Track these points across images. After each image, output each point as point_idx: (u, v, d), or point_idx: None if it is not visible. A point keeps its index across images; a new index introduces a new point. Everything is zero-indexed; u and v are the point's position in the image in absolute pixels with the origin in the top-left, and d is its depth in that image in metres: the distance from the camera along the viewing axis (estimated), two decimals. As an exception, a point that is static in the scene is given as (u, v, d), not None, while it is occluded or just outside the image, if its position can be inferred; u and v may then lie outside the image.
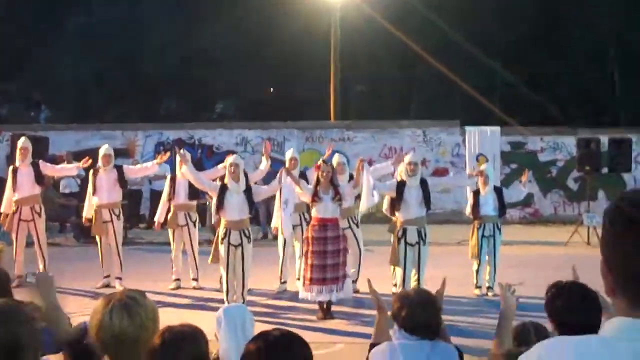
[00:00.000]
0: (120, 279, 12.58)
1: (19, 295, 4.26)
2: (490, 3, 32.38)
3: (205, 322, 3.90)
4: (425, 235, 10.96)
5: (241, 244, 10.67)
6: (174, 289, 12.54)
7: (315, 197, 10.35)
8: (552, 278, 4.17)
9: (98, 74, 34.82)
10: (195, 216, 12.98)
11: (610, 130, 22.45)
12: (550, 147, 23.39)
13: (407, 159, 11.26)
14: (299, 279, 11.52)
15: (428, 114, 27.38)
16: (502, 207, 12.41)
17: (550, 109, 31.30)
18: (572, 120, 28.38)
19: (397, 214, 11.01)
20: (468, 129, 20.54)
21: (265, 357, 2.72)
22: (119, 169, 12.99)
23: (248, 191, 10.73)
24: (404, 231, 10.84)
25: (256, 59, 33.57)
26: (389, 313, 4.41)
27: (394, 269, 11.25)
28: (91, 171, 12.99)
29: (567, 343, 1.84)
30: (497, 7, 32.56)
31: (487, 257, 12.21)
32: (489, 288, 12.18)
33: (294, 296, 11.26)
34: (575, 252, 16.46)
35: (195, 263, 12.77)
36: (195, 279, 12.83)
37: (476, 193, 12.33)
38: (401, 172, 11.13)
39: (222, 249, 10.67)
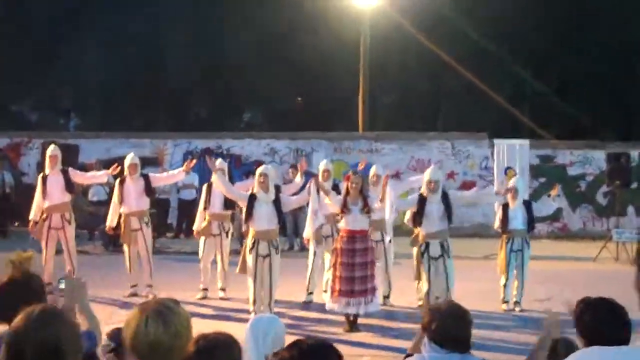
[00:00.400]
0: (150, 286, 12.63)
1: (51, 301, 4.29)
2: (521, 11, 32.26)
3: (232, 332, 3.92)
4: (448, 247, 10.93)
5: (269, 255, 10.67)
6: (200, 299, 12.54)
7: (344, 208, 10.31)
8: (580, 294, 4.15)
9: (126, 81, 35.04)
10: (228, 226, 12.99)
11: (640, 145, 22.31)
12: (579, 161, 23.22)
13: (427, 176, 11.17)
14: (325, 291, 11.51)
15: (456, 126, 27.33)
16: (531, 221, 12.33)
17: (581, 120, 31.15)
18: (603, 132, 28.21)
19: (419, 228, 11.01)
20: (497, 142, 20.42)
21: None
22: (146, 177, 13.04)
23: (277, 201, 10.72)
24: (427, 245, 10.85)
25: (284, 68, 33.65)
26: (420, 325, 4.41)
27: (418, 283, 11.29)
28: (118, 180, 13.04)
29: (599, 352, 1.86)
30: (527, 15, 32.45)
31: (515, 271, 12.11)
32: (516, 303, 12.11)
33: (321, 308, 11.24)
34: (604, 268, 16.37)
35: (225, 273, 12.80)
36: (223, 289, 12.84)
37: (505, 206, 12.24)
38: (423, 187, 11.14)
39: (250, 259, 10.72)
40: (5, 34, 34.03)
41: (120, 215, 12.89)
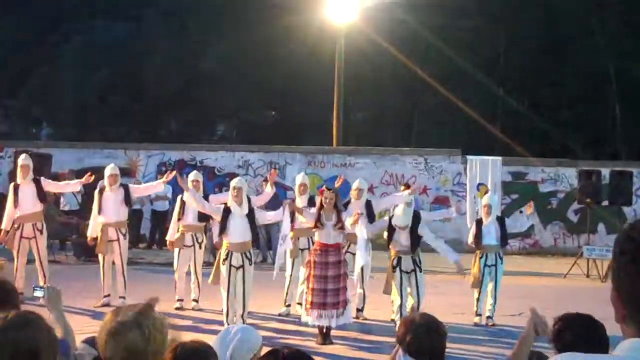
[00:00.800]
0: (124, 297, 12.53)
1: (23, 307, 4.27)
2: (495, 31, 32.60)
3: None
4: (420, 262, 11.03)
5: (242, 266, 10.72)
6: (176, 309, 12.49)
7: (318, 223, 10.44)
8: (551, 310, 4.18)
9: (100, 92, 34.93)
10: (202, 237, 13.01)
11: (611, 163, 22.54)
12: (551, 178, 23.40)
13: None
14: (300, 303, 11.51)
15: (430, 142, 27.46)
16: (504, 237, 12.52)
17: (552, 138, 31.45)
18: (574, 151, 28.49)
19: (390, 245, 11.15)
20: (470, 157, 20.57)
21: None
22: (126, 187, 13.12)
23: (251, 214, 10.81)
24: (399, 259, 10.96)
25: (259, 82, 33.66)
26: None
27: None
28: (97, 190, 13.08)
29: (583, 357, 1.87)
30: (501, 35, 32.79)
31: (489, 286, 12.21)
32: (488, 317, 12.19)
33: (297, 320, 11.24)
34: (575, 285, 16.50)
35: (198, 284, 12.80)
36: (196, 300, 12.83)
37: (479, 222, 12.41)
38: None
39: (223, 270, 10.72)
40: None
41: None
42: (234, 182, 11.06)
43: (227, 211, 10.78)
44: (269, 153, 23.84)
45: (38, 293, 4.68)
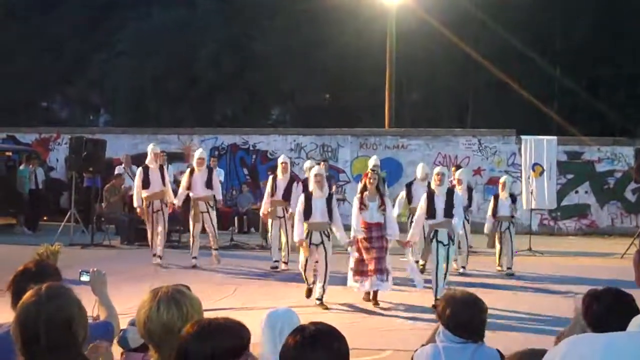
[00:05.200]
0: (217, 249, 14.99)
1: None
2: (550, 9, 32.08)
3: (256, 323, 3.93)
4: (453, 236, 11.76)
5: (322, 242, 11.52)
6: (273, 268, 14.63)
7: (362, 205, 11.37)
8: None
9: (155, 77, 35.30)
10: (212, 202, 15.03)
11: (669, 141, 22.08)
12: (607, 158, 23.01)
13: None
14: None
15: (484, 123, 27.20)
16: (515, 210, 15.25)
17: (610, 117, 30.91)
18: (632, 129, 27.94)
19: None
20: (524, 137, 20.26)
21: (303, 350, 2.78)
22: (210, 170, 15.22)
23: (329, 199, 11.68)
24: (436, 232, 11.68)
25: (312, 65, 33.69)
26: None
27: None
28: (188, 170, 15.19)
29: (594, 338, 1.86)
30: (557, 13, 32.26)
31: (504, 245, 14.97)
32: (508, 269, 14.64)
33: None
34: (632, 265, 16.20)
35: (288, 247, 14.70)
36: (286, 262, 14.70)
37: (496, 197, 15.26)
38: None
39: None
40: (37, 36, 34.42)
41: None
42: (314, 170, 12.07)
43: (309, 197, 11.62)
44: (321, 136, 23.86)
45: (85, 277, 4.77)
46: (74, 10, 36.64)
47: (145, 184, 14.76)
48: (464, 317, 4.25)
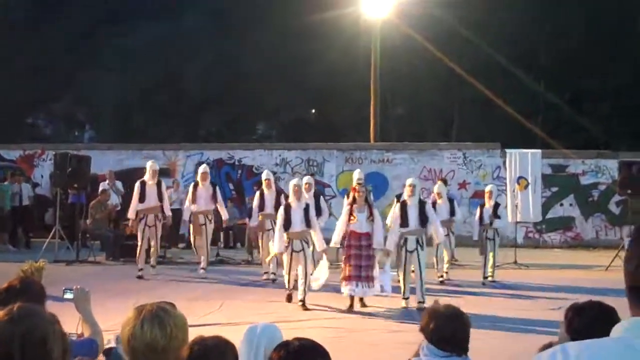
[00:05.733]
0: (204, 269, 15.48)
1: (51, 308, 4.35)
2: (534, 24, 32.29)
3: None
4: (423, 242, 12.57)
5: (302, 249, 12.35)
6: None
7: (351, 216, 12.15)
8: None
9: (142, 93, 35.26)
10: (211, 217, 15.79)
11: (653, 154, 22.20)
12: (592, 171, 23.16)
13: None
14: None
15: (469, 137, 27.31)
16: (499, 218, 15.65)
17: (594, 130, 31.09)
18: (615, 143, 28.13)
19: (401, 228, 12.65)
20: (509, 151, 20.36)
21: (287, 366, 2.79)
22: (214, 186, 16.08)
23: (307, 208, 12.55)
24: (405, 240, 12.52)
25: (297, 81, 33.76)
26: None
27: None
28: (192, 184, 16.10)
29: (580, 345, 1.89)
30: (540, 28, 32.47)
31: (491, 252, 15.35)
32: (490, 277, 15.19)
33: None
34: (616, 277, 16.20)
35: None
36: (274, 273, 14.99)
37: (482, 206, 15.75)
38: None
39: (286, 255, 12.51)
40: (24, 51, 34.34)
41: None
42: (293, 181, 12.96)
43: (288, 207, 12.49)
44: (307, 151, 23.90)
45: (68, 295, 4.77)
46: (60, 27, 36.58)
47: (142, 197, 15.44)
48: (447, 331, 4.23)
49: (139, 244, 15.52)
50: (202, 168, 16.11)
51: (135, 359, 3.28)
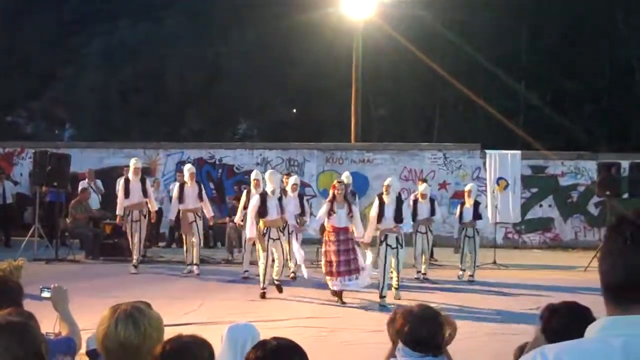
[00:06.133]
0: (197, 265, 15.80)
1: (28, 307, 4.35)
2: (516, 25, 32.43)
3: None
4: (402, 240, 13.25)
5: (278, 238, 13.29)
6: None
7: (331, 211, 12.79)
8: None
9: (122, 92, 35.14)
10: (200, 214, 16.19)
11: (631, 155, 22.34)
12: (571, 172, 23.30)
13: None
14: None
15: (451, 138, 27.39)
16: (479, 216, 15.93)
17: (575, 132, 31.24)
18: (596, 144, 28.28)
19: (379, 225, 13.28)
20: (488, 152, 20.45)
21: (265, 366, 2.80)
22: (199, 184, 16.41)
23: (280, 199, 13.46)
24: (385, 237, 13.07)
25: (279, 80, 33.75)
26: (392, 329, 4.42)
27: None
28: (178, 184, 16.64)
29: (558, 347, 1.92)
30: (522, 29, 32.62)
31: (468, 250, 15.81)
32: (470, 275, 15.55)
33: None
34: (594, 277, 16.26)
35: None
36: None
37: (462, 205, 16.13)
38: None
39: (264, 241, 13.16)
40: (4, 49, 34.14)
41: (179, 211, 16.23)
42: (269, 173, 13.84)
43: (264, 196, 13.27)
44: (288, 150, 23.90)
45: (45, 294, 4.77)
46: (41, 26, 36.38)
47: (126, 194, 16.04)
48: (422, 333, 4.19)
49: (129, 239, 16.14)
50: (190, 168, 16.40)
51: (110, 358, 3.28)
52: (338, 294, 12.85)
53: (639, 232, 1.84)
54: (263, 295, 13.06)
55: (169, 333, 3.37)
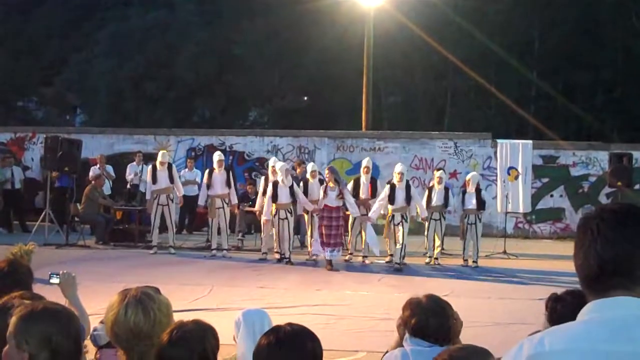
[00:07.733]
0: (228, 250, 16.87)
1: (38, 291, 4.36)
2: (529, 14, 32.27)
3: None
4: (407, 217, 15.53)
5: (286, 217, 15.74)
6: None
7: (325, 192, 15.35)
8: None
9: (134, 79, 35.17)
10: (228, 200, 16.91)
11: (643, 146, 22.27)
12: (582, 162, 23.18)
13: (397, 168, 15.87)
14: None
15: (462, 126, 27.31)
16: (483, 203, 16.37)
17: (587, 122, 31.13)
18: (608, 134, 28.17)
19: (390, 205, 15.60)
20: (500, 141, 20.37)
21: (277, 351, 2.80)
22: (228, 171, 17.09)
23: (291, 187, 15.69)
24: (393, 216, 15.51)
25: (290, 68, 33.71)
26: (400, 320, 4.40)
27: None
28: (207, 170, 17.24)
29: (551, 331, 2.00)
30: (535, 18, 32.46)
31: (470, 237, 16.34)
32: (473, 262, 16.04)
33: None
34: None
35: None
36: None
37: (464, 192, 16.57)
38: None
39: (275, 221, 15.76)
40: (15, 37, 34.20)
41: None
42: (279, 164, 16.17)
43: (275, 184, 15.56)
44: (298, 138, 23.85)
45: (54, 280, 4.77)
46: (53, 12, 36.46)
47: (154, 180, 16.78)
48: (430, 325, 4.14)
49: (152, 221, 16.89)
50: (218, 155, 17.06)
51: (119, 344, 3.28)
52: (328, 262, 15.16)
53: (603, 223, 2.01)
54: (280, 259, 15.86)
55: (178, 319, 3.37)
